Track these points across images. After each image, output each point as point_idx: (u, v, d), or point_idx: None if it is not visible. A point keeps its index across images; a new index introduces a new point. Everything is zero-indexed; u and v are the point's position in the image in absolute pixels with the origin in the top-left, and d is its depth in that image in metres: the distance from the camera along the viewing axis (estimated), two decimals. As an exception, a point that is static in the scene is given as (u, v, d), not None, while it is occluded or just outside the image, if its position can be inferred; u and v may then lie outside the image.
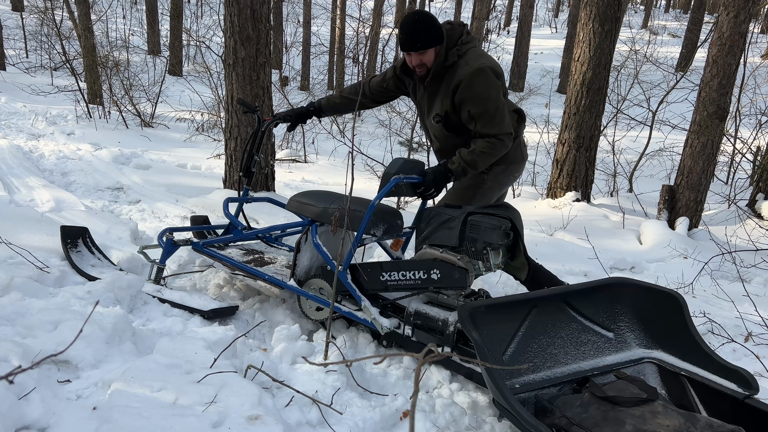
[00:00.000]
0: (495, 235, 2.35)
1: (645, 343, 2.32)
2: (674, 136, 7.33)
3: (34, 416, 1.77)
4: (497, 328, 2.17)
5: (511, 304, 2.24)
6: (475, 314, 2.08)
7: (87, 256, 3.24)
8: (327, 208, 2.68)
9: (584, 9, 5.62)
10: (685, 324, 2.16)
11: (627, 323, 2.36)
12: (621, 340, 2.34)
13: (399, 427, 2.12)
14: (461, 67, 2.55)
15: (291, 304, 3.04)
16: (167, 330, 2.56)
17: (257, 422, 1.81)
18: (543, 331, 2.27)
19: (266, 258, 3.23)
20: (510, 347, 2.19)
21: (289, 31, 17.91)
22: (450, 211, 2.53)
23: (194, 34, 12.75)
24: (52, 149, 6.24)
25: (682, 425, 1.76)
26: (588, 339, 2.33)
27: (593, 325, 2.35)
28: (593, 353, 2.30)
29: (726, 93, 5.06)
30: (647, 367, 2.25)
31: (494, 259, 2.43)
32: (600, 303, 2.36)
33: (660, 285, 2.33)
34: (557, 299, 2.31)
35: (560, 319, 2.31)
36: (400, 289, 2.55)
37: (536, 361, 2.22)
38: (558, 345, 2.27)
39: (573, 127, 5.73)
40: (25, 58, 12.71)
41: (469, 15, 18.73)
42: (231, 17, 4.63)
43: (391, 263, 2.58)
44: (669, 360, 2.22)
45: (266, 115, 5.05)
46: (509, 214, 2.46)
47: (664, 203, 5.42)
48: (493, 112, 2.54)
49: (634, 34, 13.81)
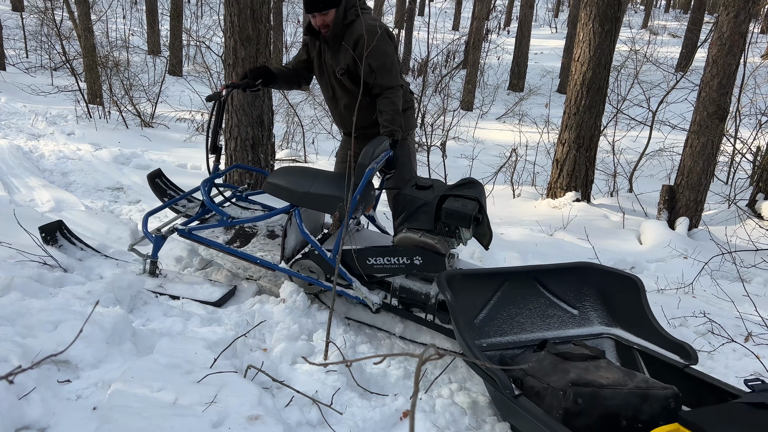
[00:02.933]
0: (465, 220, 2.61)
1: (606, 321, 2.57)
2: (674, 136, 7.33)
3: (34, 416, 1.77)
4: (472, 295, 2.43)
5: (486, 275, 2.51)
6: (452, 280, 2.34)
7: (71, 249, 3.24)
8: (308, 193, 2.85)
9: (584, 9, 5.61)
10: (641, 304, 2.41)
11: (591, 303, 2.61)
12: (584, 317, 2.60)
13: (399, 427, 2.12)
14: (359, 24, 2.87)
15: (291, 303, 3.03)
16: (167, 330, 2.56)
17: (257, 422, 1.81)
18: (513, 302, 2.53)
19: (246, 229, 3.36)
20: (482, 313, 2.46)
21: (289, 31, 17.91)
22: (422, 194, 2.78)
23: (194, 34, 12.75)
24: (52, 149, 6.23)
25: (620, 378, 2.01)
26: (554, 313, 2.58)
27: (560, 302, 2.60)
28: (557, 325, 2.56)
29: (726, 93, 5.06)
30: (605, 341, 2.53)
31: (465, 235, 2.72)
32: (568, 283, 2.60)
33: (622, 270, 2.56)
34: (529, 276, 2.57)
35: (530, 293, 2.56)
36: (385, 272, 2.83)
37: (504, 327, 2.49)
38: (525, 315, 2.54)
39: (573, 127, 5.73)
40: (25, 58, 12.71)
41: (469, 15, 18.72)
42: (231, 17, 4.63)
43: (377, 249, 2.82)
44: (625, 336, 2.49)
45: (265, 114, 5.05)
46: (476, 193, 2.73)
47: (664, 203, 5.41)
48: (390, 66, 2.92)
49: (634, 34, 13.82)
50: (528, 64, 15.36)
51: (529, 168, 7.19)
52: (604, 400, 1.93)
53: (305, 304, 2.92)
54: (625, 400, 1.94)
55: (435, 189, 2.82)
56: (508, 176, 6.75)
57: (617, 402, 1.94)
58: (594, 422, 1.92)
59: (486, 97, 13.25)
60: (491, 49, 16.43)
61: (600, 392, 1.94)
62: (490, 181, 6.24)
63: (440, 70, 12.98)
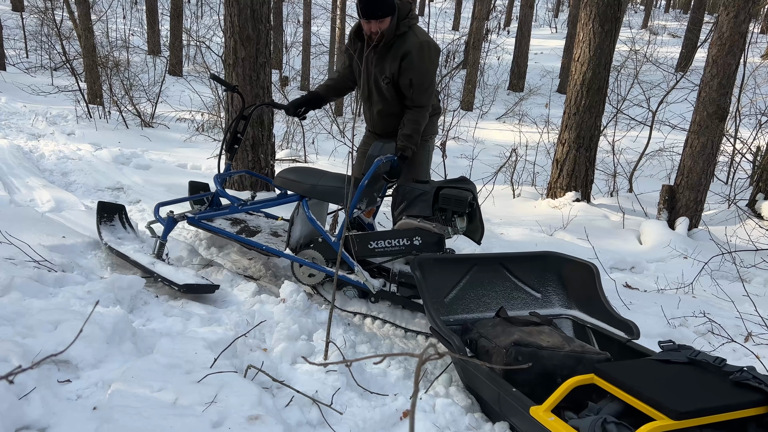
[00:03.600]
0: (461, 204, 2.86)
1: (565, 304, 2.84)
2: (674, 136, 7.33)
3: (34, 416, 1.77)
4: (443, 277, 2.69)
5: (456, 260, 2.77)
6: (424, 263, 2.60)
7: (119, 229, 3.53)
8: (315, 185, 3.07)
9: (584, 9, 5.61)
10: (596, 288, 2.65)
11: (553, 288, 2.86)
12: (546, 300, 2.85)
13: (399, 427, 2.12)
14: (411, 38, 2.96)
15: (291, 303, 3.03)
16: (167, 330, 2.56)
17: (257, 422, 1.81)
18: (480, 285, 2.77)
19: (251, 226, 3.53)
20: (452, 293, 2.71)
21: (289, 31, 17.91)
22: (421, 186, 3.00)
23: (194, 34, 12.74)
24: (52, 149, 6.23)
25: (559, 342, 2.25)
26: (518, 296, 2.83)
27: (524, 286, 2.85)
28: (520, 306, 2.80)
29: (726, 93, 5.06)
30: (564, 321, 2.77)
31: (460, 224, 2.94)
32: (532, 269, 2.86)
33: (580, 258, 2.81)
34: (496, 261, 2.83)
35: (496, 277, 2.81)
36: (386, 255, 2.98)
37: (471, 305, 2.74)
38: (491, 297, 2.78)
39: (573, 127, 5.73)
40: (25, 58, 12.71)
41: (469, 15, 18.71)
42: (231, 17, 4.63)
43: (378, 233, 3.00)
44: (580, 316, 2.75)
45: (265, 114, 5.04)
46: (470, 187, 2.96)
47: (664, 203, 5.41)
48: (427, 86, 3.02)
49: (634, 34, 13.82)
50: (528, 64, 15.37)
51: (529, 168, 7.19)
52: (543, 360, 2.17)
53: (305, 304, 2.93)
54: (562, 361, 2.17)
55: (432, 184, 3.05)
56: (508, 176, 6.75)
57: (554, 362, 2.17)
58: (532, 378, 2.15)
59: (486, 97, 13.25)
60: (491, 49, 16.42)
61: (539, 352, 2.18)
62: (490, 181, 6.23)
63: (440, 70, 12.98)
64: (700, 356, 1.97)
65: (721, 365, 1.91)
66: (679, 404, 1.65)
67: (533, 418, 1.83)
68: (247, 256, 3.75)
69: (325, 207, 3.48)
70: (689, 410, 1.64)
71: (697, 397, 1.72)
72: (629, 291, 3.85)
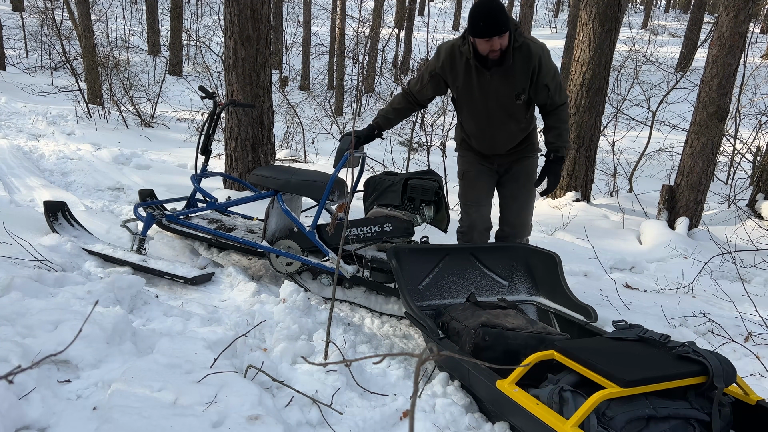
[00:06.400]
0: (428, 193, 3.07)
1: (531, 291, 3.05)
2: (674, 136, 7.33)
3: (34, 416, 1.77)
4: (417, 265, 2.87)
5: (430, 250, 2.94)
6: (400, 253, 2.78)
7: (68, 228, 3.53)
8: (289, 180, 3.23)
9: (584, 9, 5.61)
10: (558, 276, 2.88)
11: (520, 276, 3.06)
12: (513, 287, 3.05)
13: (399, 427, 2.12)
14: (530, 46, 2.83)
15: (291, 303, 3.03)
16: (167, 330, 2.56)
17: (257, 422, 1.81)
18: (452, 273, 2.95)
19: (227, 225, 3.65)
20: (425, 280, 2.88)
21: (289, 31, 17.91)
22: (390, 178, 3.20)
23: (194, 34, 12.74)
24: (52, 149, 6.23)
25: (522, 324, 2.44)
26: (487, 283, 3.01)
27: (492, 274, 3.03)
28: (489, 293, 2.99)
29: (726, 93, 5.06)
30: (528, 306, 3.00)
31: (427, 212, 3.14)
32: (500, 259, 3.05)
33: (544, 248, 3.01)
34: (466, 252, 3.01)
35: (467, 266, 2.99)
36: (359, 241, 3.17)
37: (444, 292, 2.91)
38: (462, 284, 2.96)
39: (573, 127, 5.73)
40: (25, 58, 12.71)
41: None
42: (231, 17, 4.63)
43: (351, 221, 3.14)
44: (544, 302, 2.96)
45: (265, 114, 5.05)
46: (436, 178, 3.16)
47: (664, 203, 5.41)
48: (560, 81, 2.98)
49: (634, 34, 13.81)
50: (528, 64, 15.32)
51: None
52: (507, 339, 2.37)
53: (305, 304, 2.93)
54: (525, 341, 2.37)
55: (400, 175, 3.23)
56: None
57: (518, 342, 2.37)
58: (498, 356, 2.35)
59: (486, 97, 13.20)
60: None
61: (504, 333, 2.37)
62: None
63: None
64: (648, 334, 2.16)
65: (666, 341, 2.09)
66: (627, 374, 1.82)
67: (499, 390, 2.00)
68: (247, 256, 3.75)
69: (299, 202, 3.59)
70: (636, 379, 1.81)
71: (643, 368, 1.90)
72: (629, 291, 3.85)
